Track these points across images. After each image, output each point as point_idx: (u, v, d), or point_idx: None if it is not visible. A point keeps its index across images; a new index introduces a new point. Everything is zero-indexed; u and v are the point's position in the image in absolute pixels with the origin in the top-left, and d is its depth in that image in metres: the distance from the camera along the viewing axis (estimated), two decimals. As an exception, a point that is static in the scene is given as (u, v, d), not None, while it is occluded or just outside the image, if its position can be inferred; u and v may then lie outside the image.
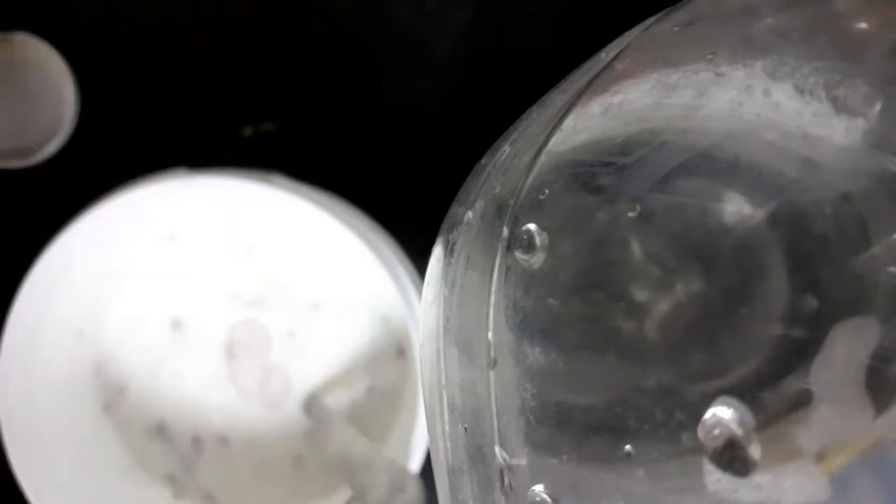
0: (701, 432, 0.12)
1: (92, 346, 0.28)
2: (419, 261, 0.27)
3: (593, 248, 0.14)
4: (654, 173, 0.13)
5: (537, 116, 0.17)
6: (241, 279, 0.28)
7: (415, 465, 0.25)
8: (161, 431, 0.29)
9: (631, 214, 0.13)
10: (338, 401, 0.28)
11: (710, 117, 0.13)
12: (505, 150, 0.17)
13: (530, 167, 0.15)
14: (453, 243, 0.17)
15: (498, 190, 0.16)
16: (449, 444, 0.16)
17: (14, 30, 0.28)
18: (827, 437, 0.11)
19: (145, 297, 0.28)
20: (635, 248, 0.13)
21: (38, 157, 0.28)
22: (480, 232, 0.16)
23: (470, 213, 0.17)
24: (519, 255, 0.15)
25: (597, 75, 0.15)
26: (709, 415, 0.12)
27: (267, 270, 0.28)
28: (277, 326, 0.28)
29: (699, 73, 0.13)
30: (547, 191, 0.15)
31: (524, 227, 0.15)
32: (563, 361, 0.14)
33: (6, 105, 0.28)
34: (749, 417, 0.11)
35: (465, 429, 0.15)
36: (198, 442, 0.29)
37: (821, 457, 0.11)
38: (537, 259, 0.14)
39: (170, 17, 0.29)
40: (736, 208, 0.12)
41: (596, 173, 0.14)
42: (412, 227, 0.26)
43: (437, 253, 0.18)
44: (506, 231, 0.15)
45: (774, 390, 0.11)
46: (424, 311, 0.18)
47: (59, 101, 0.28)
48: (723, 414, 0.12)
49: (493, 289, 0.15)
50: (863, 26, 0.13)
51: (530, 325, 0.14)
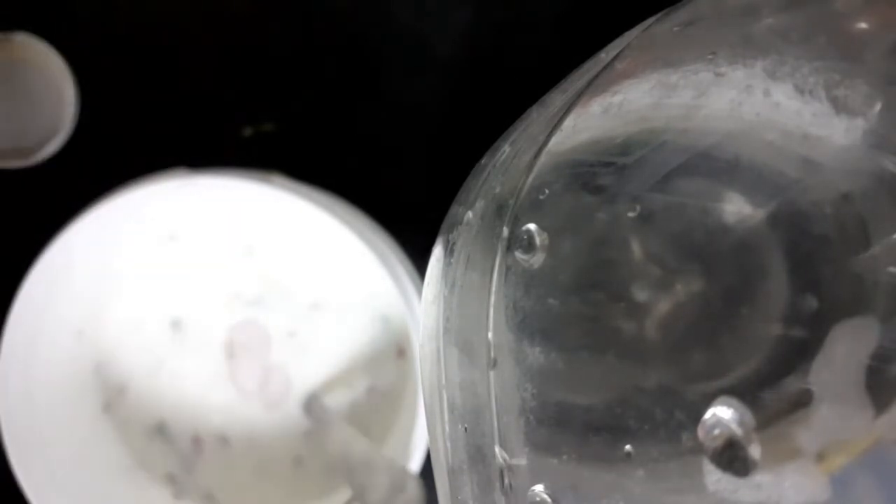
0: (701, 432, 0.12)
1: (92, 346, 0.28)
2: (419, 261, 0.27)
3: (593, 248, 0.14)
4: (654, 173, 0.13)
5: (537, 116, 0.17)
6: (241, 279, 0.28)
7: (415, 465, 0.25)
8: (161, 431, 0.29)
9: (631, 214, 0.13)
10: (338, 401, 0.28)
11: (710, 117, 0.13)
12: (505, 150, 0.17)
13: (530, 167, 0.15)
14: (453, 243, 0.17)
15: (498, 190, 0.16)
16: (449, 444, 0.16)
17: (14, 30, 0.28)
18: (827, 437, 0.11)
19: (145, 297, 0.28)
20: (635, 248, 0.13)
21: (38, 157, 0.28)
22: (480, 232, 0.16)
23: (470, 213, 0.17)
24: (519, 255, 0.15)
25: (597, 75, 0.15)
26: (709, 415, 0.12)
27: (267, 270, 0.28)
28: (277, 326, 0.28)
29: (699, 73, 0.13)
30: (547, 191, 0.15)
31: (524, 227, 0.15)
32: (563, 361, 0.14)
33: (6, 105, 0.28)
34: (749, 417, 0.11)
35: (465, 429, 0.15)
36: (198, 442, 0.29)
37: (821, 457, 0.11)
38: (537, 259, 0.14)
39: (170, 17, 0.29)
40: (736, 208, 0.12)
41: (596, 173, 0.14)
42: (412, 227, 0.26)
43: (437, 253, 0.18)
44: (506, 231, 0.15)
45: (774, 390, 0.11)
46: (424, 311, 0.18)
47: (59, 101, 0.28)
48: (723, 414, 0.12)
49: (493, 289, 0.15)
50: (863, 26, 0.13)
51: (530, 325, 0.14)
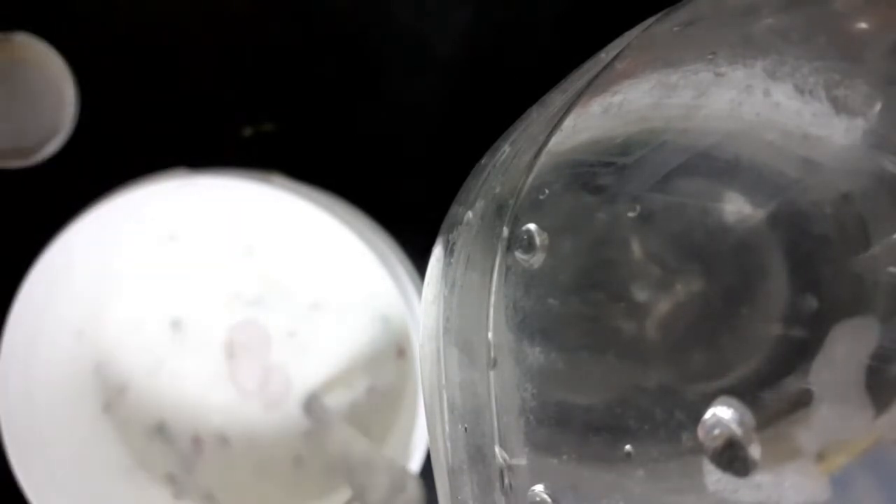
0: (701, 432, 0.12)
1: (92, 346, 0.28)
2: (419, 261, 0.27)
3: (593, 248, 0.14)
4: (654, 173, 0.13)
5: (537, 116, 0.17)
6: (241, 279, 0.28)
7: (415, 465, 0.25)
8: (161, 431, 0.29)
9: (631, 214, 0.13)
10: (338, 401, 0.28)
11: (710, 117, 0.13)
12: (505, 150, 0.17)
13: (530, 167, 0.15)
14: (453, 243, 0.17)
15: (498, 190, 0.16)
16: (449, 444, 0.16)
17: (14, 30, 0.28)
18: (827, 437, 0.11)
19: (145, 297, 0.28)
20: (635, 248, 0.13)
21: (38, 157, 0.28)
22: (480, 232, 0.16)
23: (470, 213, 0.17)
24: (519, 255, 0.15)
25: (597, 75, 0.15)
26: (709, 415, 0.12)
27: (267, 270, 0.28)
28: (277, 326, 0.28)
29: (699, 73, 0.13)
30: (547, 191, 0.15)
31: (524, 227, 0.15)
32: (563, 361, 0.14)
33: (6, 105, 0.28)
34: (749, 417, 0.11)
35: (465, 429, 0.15)
36: (198, 442, 0.29)
37: (821, 457, 0.11)
38: (537, 259, 0.14)
39: (170, 17, 0.29)
40: (736, 208, 0.12)
41: (596, 173, 0.14)
42: (412, 227, 0.26)
43: (437, 253, 0.18)
44: (506, 231, 0.15)
45: (774, 390, 0.11)
46: (424, 311, 0.18)
47: (59, 101, 0.28)
48: (723, 414, 0.12)
49: (493, 289, 0.15)
50: (863, 26, 0.13)
51: (530, 325, 0.14)
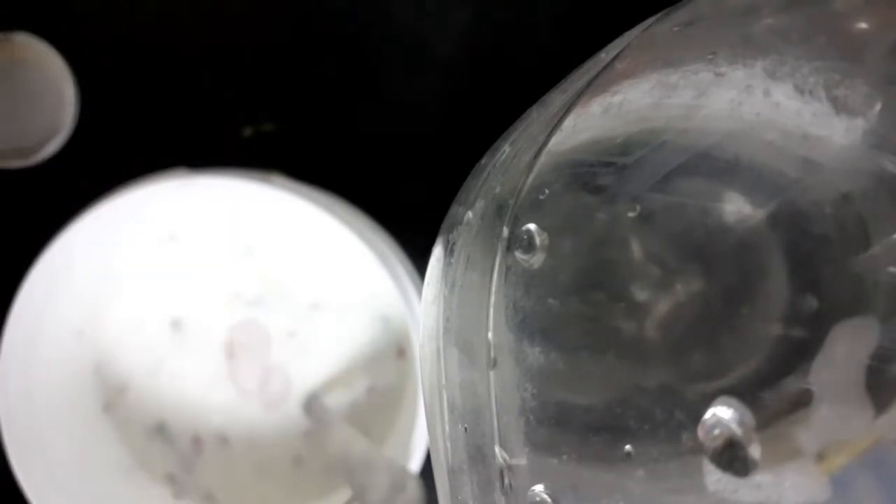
0: (701, 432, 0.12)
1: (92, 346, 0.28)
2: (419, 261, 0.27)
3: (593, 248, 0.14)
4: (654, 173, 0.13)
5: (537, 116, 0.17)
6: (241, 279, 0.28)
7: (415, 465, 0.25)
8: (161, 431, 0.29)
9: (631, 214, 0.13)
10: (338, 401, 0.28)
11: (710, 117, 0.13)
12: (505, 150, 0.17)
13: (530, 167, 0.15)
14: (453, 243, 0.17)
15: (498, 190, 0.16)
16: (449, 444, 0.16)
17: (14, 30, 0.28)
18: (827, 437, 0.11)
19: (145, 297, 0.28)
20: (635, 248, 0.13)
21: (38, 157, 0.28)
22: (480, 232, 0.16)
23: (470, 213, 0.17)
24: (519, 255, 0.15)
25: (597, 75, 0.15)
26: (709, 415, 0.12)
27: (267, 270, 0.28)
28: (277, 326, 0.28)
29: (699, 73, 0.13)
30: (547, 191, 0.15)
31: (524, 227, 0.15)
32: (563, 361, 0.14)
33: (6, 105, 0.28)
34: (749, 417, 0.11)
35: (465, 429, 0.15)
36: (198, 442, 0.29)
37: (821, 457, 0.11)
38: (537, 259, 0.14)
39: (170, 17, 0.29)
40: (736, 208, 0.12)
41: (596, 173, 0.14)
42: (412, 227, 0.26)
43: (437, 253, 0.18)
44: (506, 231, 0.15)
45: (774, 390, 0.11)
46: (424, 311, 0.18)
47: (59, 101, 0.28)
48: (723, 414, 0.12)
49: (493, 289, 0.15)
50: (863, 26, 0.13)
51: (530, 325, 0.14)
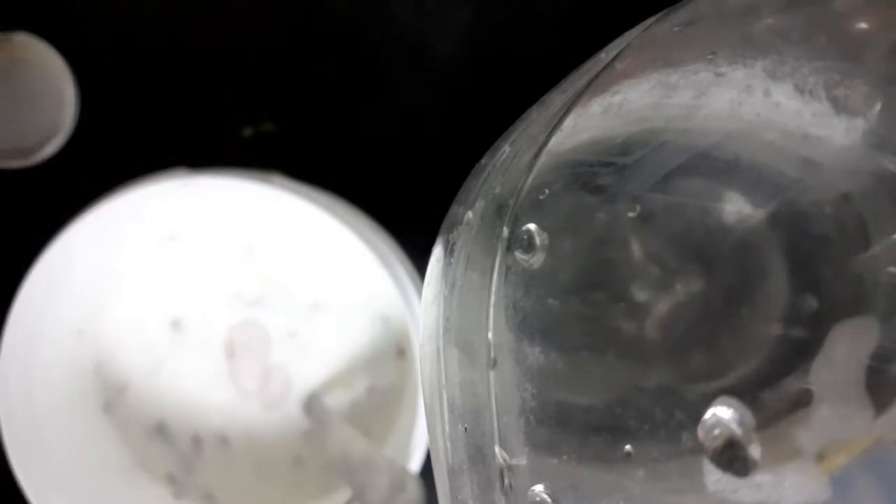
0: (701, 432, 0.12)
1: (92, 346, 0.28)
2: (419, 261, 0.27)
3: (593, 248, 0.14)
4: (654, 173, 0.13)
5: (537, 116, 0.17)
6: (241, 279, 0.28)
7: (415, 465, 0.25)
8: (161, 431, 0.29)
9: (631, 214, 0.13)
10: (338, 401, 0.28)
11: (710, 117, 0.13)
12: (505, 150, 0.17)
13: (530, 167, 0.15)
14: (453, 243, 0.17)
15: (498, 190, 0.16)
16: (449, 444, 0.16)
17: (14, 30, 0.28)
18: (827, 437, 0.11)
19: (145, 297, 0.28)
20: (635, 248, 0.13)
21: (38, 157, 0.28)
22: (480, 232, 0.16)
23: (470, 213, 0.17)
24: (519, 255, 0.15)
25: (597, 75, 0.15)
26: (709, 415, 0.12)
27: (267, 270, 0.28)
28: (277, 326, 0.28)
29: (699, 73, 0.13)
30: (547, 191, 0.15)
31: (524, 227, 0.15)
32: (563, 361, 0.14)
33: (6, 105, 0.28)
34: (749, 417, 0.11)
35: (465, 429, 0.15)
36: (198, 442, 0.29)
37: (821, 457, 0.11)
38: (537, 259, 0.14)
39: (170, 17, 0.29)
40: (736, 208, 0.12)
41: (596, 173, 0.14)
42: (412, 227, 0.26)
43: (437, 253, 0.18)
44: (506, 231, 0.15)
45: (774, 390, 0.11)
46: (424, 311, 0.18)
47: (59, 101, 0.28)
48: (723, 414, 0.12)
49: (493, 289, 0.15)
50: (863, 26, 0.13)
51: (530, 325, 0.14)
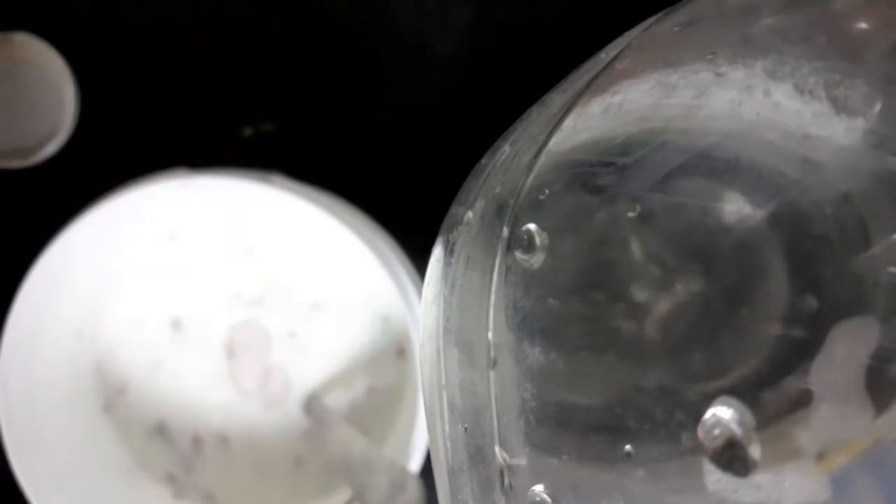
0: (701, 432, 0.12)
1: (92, 346, 0.28)
2: (419, 261, 0.27)
3: (593, 248, 0.14)
4: (654, 173, 0.13)
5: (537, 116, 0.17)
6: (241, 279, 0.28)
7: (415, 465, 0.25)
8: (161, 431, 0.29)
9: (631, 214, 0.13)
10: (338, 401, 0.28)
11: (710, 117, 0.13)
12: (505, 150, 0.17)
13: (530, 167, 0.15)
14: (453, 243, 0.17)
15: (498, 190, 0.16)
16: (449, 444, 0.16)
17: (14, 30, 0.28)
18: (827, 437, 0.11)
19: (145, 297, 0.28)
20: (635, 248, 0.13)
21: (38, 157, 0.28)
22: (480, 232, 0.16)
23: (470, 213, 0.17)
24: (519, 255, 0.15)
25: (597, 75, 0.15)
26: (709, 415, 0.12)
27: (267, 270, 0.28)
28: (277, 326, 0.28)
29: (699, 73, 0.13)
30: (547, 191, 0.15)
31: (524, 227, 0.15)
32: (563, 361, 0.14)
33: (6, 105, 0.28)
34: (749, 417, 0.11)
35: (465, 429, 0.15)
36: (198, 442, 0.29)
37: (821, 457, 0.11)
38: (537, 259, 0.14)
39: (170, 17, 0.29)
40: (736, 208, 0.12)
41: (596, 173, 0.14)
42: (412, 227, 0.26)
43: (437, 253, 0.18)
44: (506, 231, 0.15)
45: (774, 390, 0.11)
46: (424, 311, 0.18)
47: (59, 101, 0.28)
48: (723, 414, 0.12)
49: (493, 289, 0.15)
50: (863, 26, 0.13)
51: (530, 325, 0.14)
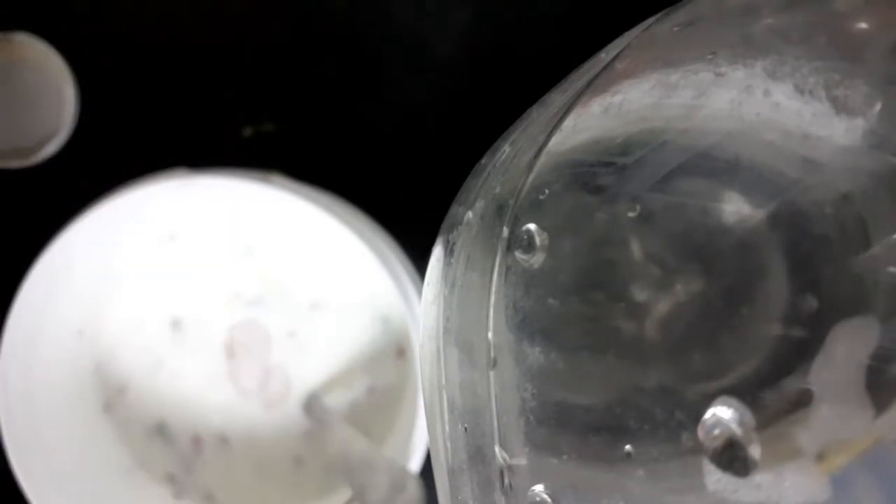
0: (701, 432, 0.12)
1: (92, 346, 0.28)
2: (419, 261, 0.27)
3: (593, 248, 0.14)
4: (654, 173, 0.13)
5: (537, 116, 0.17)
6: (241, 279, 0.28)
7: (415, 465, 0.25)
8: (161, 431, 0.29)
9: (631, 214, 0.13)
10: (338, 401, 0.28)
11: (710, 117, 0.13)
12: (505, 150, 0.17)
13: (530, 167, 0.15)
14: (453, 243, 0.17)
15: (498, 190, 0.16)
16: (449, 444, 0.16)
17: (14, 30, 0.28)
18: (827, 437, 0.11)
19: (145, 297, 0.28)
20: (635, 248, 0.13)
21: (38, 157, 0.28)
22: (480, 232, 0.16)
23: (470, 213, 0.17)
24: (519, 255, 0.15)
25: (597, 75, 0.15)
26: (709, 415, 0.12)
27: (267, 270, 0.28)
28: (277, 326, 0.28)
29: (699, 73, 0.13)
30: (547, 191, 0.15)
31: (524, 227, 0.15)
32: (563, 361, 0.14)
33: (6, 105, 0.28)
34: (749, 417, 0.11)
35: (465, 429, 0.15)
36: (198, 442, 0.29)
37: (821, 457, 0.11)
38: (537, 259, 0.14)
39: (170, 17, 0.29)
40: (736, 208, 0.12)
41: (596, 173, 0.14)
42: (412, 227, 0.26)
43: (437, 253, 0.18)
44: (506, 231, 0.15)
45: (774, 390, 0.11)
46: (424, 311, 0.18)
47: (59, 101, 0.28)
48: (723, 414, 0.12)
49: (493, 289, 0.15)
50: (863, 26, 0.13)
51: (530, 325, 0.14)
